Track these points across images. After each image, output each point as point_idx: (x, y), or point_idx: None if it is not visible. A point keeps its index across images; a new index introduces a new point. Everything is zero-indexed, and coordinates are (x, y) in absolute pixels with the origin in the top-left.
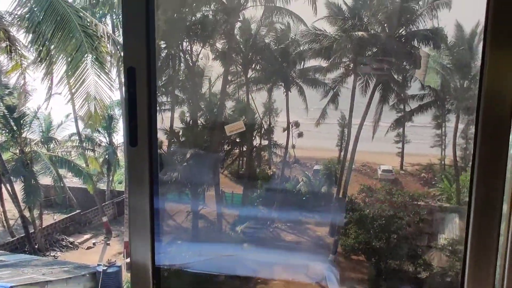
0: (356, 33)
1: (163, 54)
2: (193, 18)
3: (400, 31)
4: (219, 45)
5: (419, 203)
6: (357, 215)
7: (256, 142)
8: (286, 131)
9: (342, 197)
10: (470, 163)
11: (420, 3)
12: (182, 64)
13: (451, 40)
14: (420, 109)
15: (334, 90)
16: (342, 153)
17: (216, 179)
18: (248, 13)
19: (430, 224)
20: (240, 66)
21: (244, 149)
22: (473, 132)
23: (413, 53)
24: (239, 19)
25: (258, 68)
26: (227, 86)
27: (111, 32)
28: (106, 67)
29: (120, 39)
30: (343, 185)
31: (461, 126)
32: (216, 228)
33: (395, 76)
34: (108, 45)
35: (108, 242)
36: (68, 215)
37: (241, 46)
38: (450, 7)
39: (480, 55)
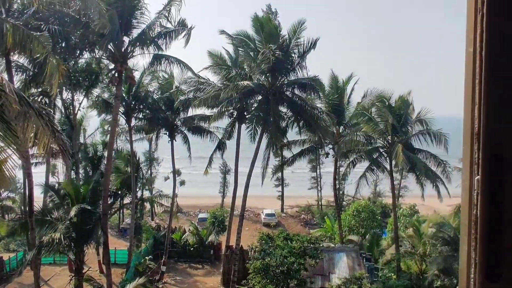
0: (241, 82)
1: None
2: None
3: (282, 80)
4: (101, 93)
5: (316, 246)
6: (259, 264)
7: (139, 193)
8: (170, 180)
9: (237, 245)
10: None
11: (296, 52)
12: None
13: (327, 89)
14: (301, 154)
15: (221, 138)
16: (225, 200)
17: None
18: (135, 60)
19: (321, 266)
20: (123, 115)
21: (128, 201)
22: (358, 170)
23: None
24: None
25: (141, 116)
26: (106, 135)
27: None
28: None
29: None
30: (235, 232)
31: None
32: None
33: (281, 124)
34: None
35: None
36: None
37: (124, 95)
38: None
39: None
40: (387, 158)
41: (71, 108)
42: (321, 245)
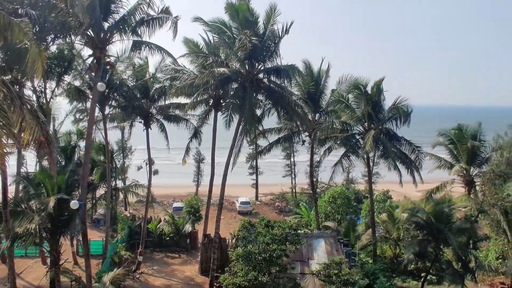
0: (218, 69)
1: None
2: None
3: (259, 67)
4: (73, 81)
5: (297, 232)
6: (241, 251)
7: (113, 183)
8: (145, 169)
9: (216, 233)
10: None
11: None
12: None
13: (302, 76)
14: (278, 142)
15: (197, 126)
16: (199, 189)
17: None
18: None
19: (300, 252)
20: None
21: (102, 191)
22: (331, 159)
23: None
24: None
25: (115, 104)
26: (77, 124)
27: None
28: None
29: None
30: (213, 221)
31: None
32: None
33: (257, 112)
34: None
35: None
36: None
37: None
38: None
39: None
40: (363, 144)
41: (43, 96)
42: (303, 231)
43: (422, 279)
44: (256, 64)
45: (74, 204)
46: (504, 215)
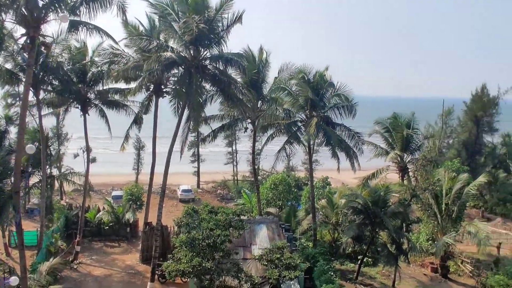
0: (164, 53)
1: None
2: None
3: (205, 53)
4: (4, 63)
5: (240, 217)
6: (185, 238)
7: (49, 171)
8: (83, 157)
9: (158, 220)
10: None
11: (220, 25)
12: None
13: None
14: (222, 129)
15: (137, 113)
16: (139, 177)
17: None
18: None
19: (243, 237)
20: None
21: (36, 179)
22: (271, 148)
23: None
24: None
25: (50, 88)
26: (9, 109)
27: None
28: None
29: None
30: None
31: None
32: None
33: (200, 99)
34: None
35: None
36: None
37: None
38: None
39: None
40: (305, 131)
41: None
42: (246, 217)
43: (359, 262)
44: (202, 50)
45: (30, 148)
46: (434, 199)
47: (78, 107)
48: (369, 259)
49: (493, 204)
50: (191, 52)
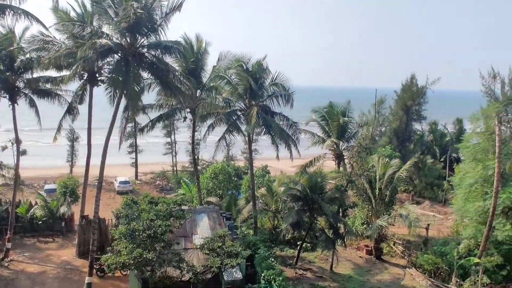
0: (99, 40)
1: None
2: None
3: (142, 40)
4: None
5: (181, 207)
6: (125, 229)
7: None
8: (12, 150)
9: (95, 213)
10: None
11: (158, 13)
12: None
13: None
14: (160, 119)
15: (70, 102)
16: (74, 169)
17: None
18: None
19: (184, 227)
20: None
21: None
22: (211, 138)
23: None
24: None
25: None
26: None
27: None
28: None
29: None
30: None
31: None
32: None
33: (137, 87)
34: None
35: None
36: None
37: None
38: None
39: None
40: (245, 120)
41: None
42: (187, 206)
43: (298, 247)
44: (139, 37)
45: None
46: (369, 184)
47: (6, 97)
48: (308, 245)
49: (422, 189)
50: (128, 39)
